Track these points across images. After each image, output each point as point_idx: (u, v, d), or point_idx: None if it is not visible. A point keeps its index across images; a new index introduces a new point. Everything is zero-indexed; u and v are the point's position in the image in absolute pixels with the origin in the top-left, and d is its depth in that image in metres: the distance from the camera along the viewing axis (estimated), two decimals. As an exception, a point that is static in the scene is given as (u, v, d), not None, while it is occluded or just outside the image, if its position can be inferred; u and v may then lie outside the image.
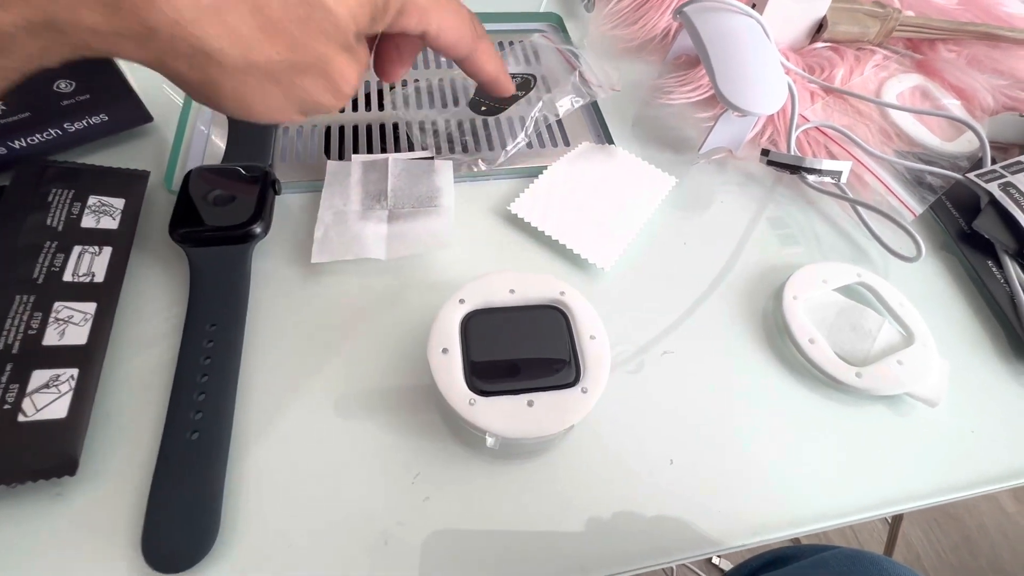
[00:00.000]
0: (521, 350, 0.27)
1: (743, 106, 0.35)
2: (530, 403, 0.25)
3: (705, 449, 0.29)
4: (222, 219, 0.31)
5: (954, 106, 0.45)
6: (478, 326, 0.27)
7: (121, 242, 0.30)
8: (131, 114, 0.35)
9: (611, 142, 0.40)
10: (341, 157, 0.38)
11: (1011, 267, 0.35)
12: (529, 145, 0.39)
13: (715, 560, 0.91)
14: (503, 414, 0.24)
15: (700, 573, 0.90)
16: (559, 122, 0.41)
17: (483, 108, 0.40)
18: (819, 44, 0.46)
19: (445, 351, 0.26)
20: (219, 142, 0.37)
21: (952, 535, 1.19)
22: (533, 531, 0.26)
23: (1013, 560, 1.16)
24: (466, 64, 0.27)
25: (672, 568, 0.90)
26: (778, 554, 0.39)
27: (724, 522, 0.27)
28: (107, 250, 0.29)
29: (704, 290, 0.34)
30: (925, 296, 0.35)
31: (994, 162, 0.40)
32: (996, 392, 0.32)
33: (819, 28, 0.46)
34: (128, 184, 0.32)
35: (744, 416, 0.30)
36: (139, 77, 0.34)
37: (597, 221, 0.35)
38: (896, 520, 0.97)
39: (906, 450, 0.30)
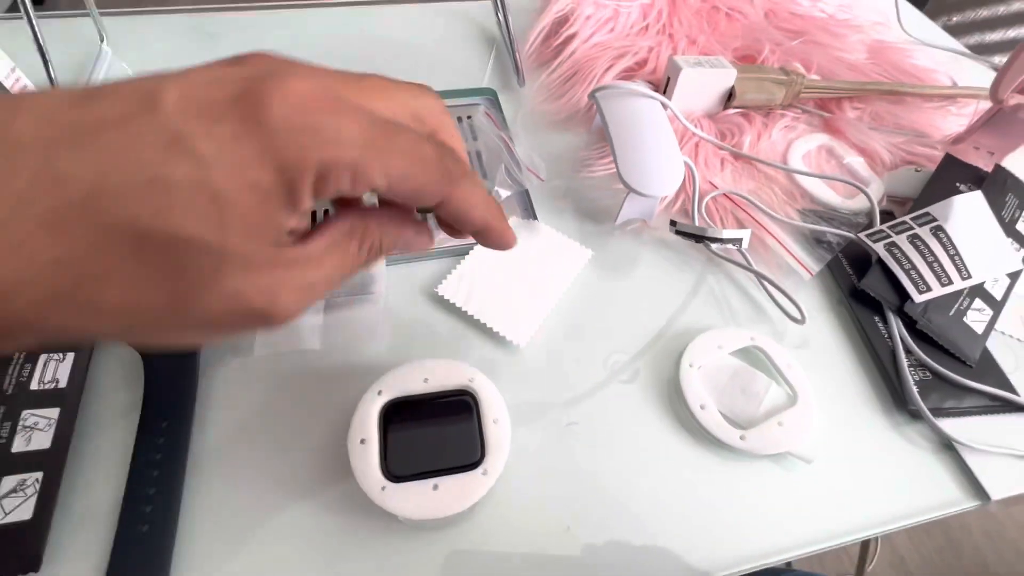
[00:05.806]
0: (432, 436, 0.30)
1: (642, 190, 0.39)
2: (435, 487, 0.28)
3: (604, 512, 0.32)
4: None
5: (858, 163, 0.48)
6: (394, 416, 0.30)
7: (83, 346, 0.34)
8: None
9: (535, 217, 0.44)
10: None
11: (895, 323, 0.39)
12: (461, 223, 0.43)
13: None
14: (411, 498, 0.28)
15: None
16: (489, 198, 0.45)
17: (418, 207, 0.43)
18: (731, 110, 0.50)
19: (363, 441, 0.29)
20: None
21: (936, 537, 1.21)
22: (442, 600, 0.29)
23: (997, 561, 1.18)
24: (440, 213, 0.21)
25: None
26: None
27: (619, 580, 0.30)
28: (70, 356, 0.33)
29: (614, 359, 0.38)
30: (818, 352, 0.39)
31: (892, 217, 0.44)
32: (878, 442, 0.36)
33: (730, 96, 0.49)
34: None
35: (644, 479, 0.33)
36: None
37: (517, 298, 0.39)
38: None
39: (791, 502, 0.33)
